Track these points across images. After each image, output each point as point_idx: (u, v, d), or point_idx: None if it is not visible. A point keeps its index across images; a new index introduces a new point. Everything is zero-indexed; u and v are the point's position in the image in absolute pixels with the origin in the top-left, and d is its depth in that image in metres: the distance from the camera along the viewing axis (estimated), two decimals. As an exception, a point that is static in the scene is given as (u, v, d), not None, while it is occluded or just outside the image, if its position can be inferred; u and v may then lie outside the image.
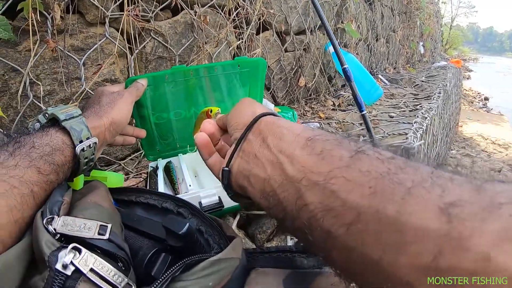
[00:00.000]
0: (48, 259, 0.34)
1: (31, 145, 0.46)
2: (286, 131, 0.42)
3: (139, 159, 1.20)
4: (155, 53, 1.18)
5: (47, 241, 0.35)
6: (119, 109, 0.64)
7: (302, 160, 0.37)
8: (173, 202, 0.55)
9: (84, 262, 0.34)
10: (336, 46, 1.06)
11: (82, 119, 0.54)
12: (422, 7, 4.54)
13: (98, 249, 0.38)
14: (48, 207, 0.41)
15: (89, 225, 0.39)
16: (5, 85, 0.92)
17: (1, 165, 0.42)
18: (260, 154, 0.42)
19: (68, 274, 0.33)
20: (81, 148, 0.52)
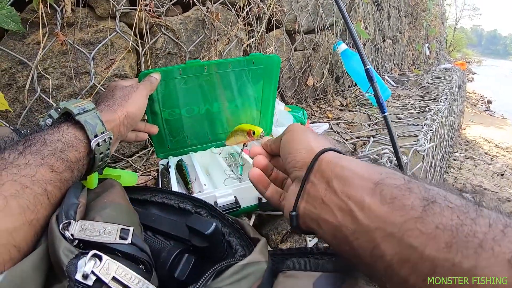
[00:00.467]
0: (67, 268, 0.32)
1: (42, 143, 0.44)
2: (351, 174, 0.41)
3: (147, 156, 1.18)
4: (166, 49, 1.16)
5: (64, 249, 0.33)
6: (133, 102, 0.62)
7: (374, 209, 0.36)
8: (191, 202, 0.54)
9: (106, 271, 0.32)
10: (360, 47, 1.04)
11: (96, 113, 0.53)
12: (429, 9, 4.51)
13: (118, 252, 0.36)
14: (64, 211, 0.38)
15: (109, 229, 0.37)
16: (12, 79, 0.90)
17: (12, 165, 0.39)
18: (328, 199, 0.42)
19: (90, 284, 0.31)
20: (96, 143, 0.50)
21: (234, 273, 0.38)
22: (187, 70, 0.80)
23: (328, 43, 2.08)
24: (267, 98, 0.96)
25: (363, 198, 0.38)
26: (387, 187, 0.37)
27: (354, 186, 0.39)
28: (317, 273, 0.44)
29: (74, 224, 0.36)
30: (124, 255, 0.36)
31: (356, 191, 0.39)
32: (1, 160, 0.39)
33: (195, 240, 0.41)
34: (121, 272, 0.33)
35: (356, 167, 0.42)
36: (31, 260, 0.34)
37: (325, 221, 0.41)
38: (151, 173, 1.03)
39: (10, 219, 0.35)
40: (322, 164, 0.45)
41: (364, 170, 0.41)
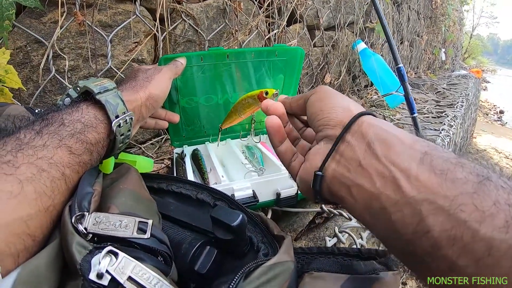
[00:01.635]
0: (81, 267, 0.29)
1: (60, 123, 0.41)
2: (396, 139, 0.37)
3: (160, 144, 1.16)
4: (185, 36, 1.13)
5: (77, 244, 0.30)
6: (157, 83, 0.59)
7: (422, 179, 0.32)
8: (210, 194, 0.51)
9: (121, 270, 0.29)
10: (393, 46, 1.01)
11: (118, 93, 0.49)
12: (448, 13, 4.45)
13: (136, 244, 0.33)
14: (77, 201, 0.35)
15: (126, 222, 0.34)
16: (26, 57, 0.88)
17: (27, 146, 0.36)
18: (367, 163, 0.37)
19: (105, 284, 0.28)
20: (117, 124, 0.47)
21: (263, 273, 0.35)
22: (209, 57, 0.77)
23: (347, 41, 2.05)
24: (287, 91, 0.94)
25: (410, 166, 0.34)
26: (437, 158, 0.33)
27: (400, 152, 0.36)
28: (345, 275, 0.41)
29: (87, 216, 0.34)
30: (143, 247, 0.34)
31: (402, 158, 0.35)
32: (16, 140, 0.36)
33: (219, 232, 0.39)
34: (138, 272, 0.30)
35: (401, 134, 0.38)
36: (45, 255, 0.31)
37: (359, 187, 0.37)
38: (164, 161, 1.01)
39: (25, 206, 0.33)
40: (363, 125, 0.40)
41: (410, 138, 0.37)
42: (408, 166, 0.34)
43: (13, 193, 0.32)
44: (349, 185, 0.38)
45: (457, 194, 0.30)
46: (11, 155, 0.34)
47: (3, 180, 0.32)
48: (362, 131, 0.39)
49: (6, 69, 0.74)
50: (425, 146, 0.35)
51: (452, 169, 0.32)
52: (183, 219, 0.45)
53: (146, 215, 0.38)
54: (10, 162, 0.33)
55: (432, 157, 0.34)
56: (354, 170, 0.38)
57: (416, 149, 0.35)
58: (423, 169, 0.33)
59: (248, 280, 0.34)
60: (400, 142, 0.36)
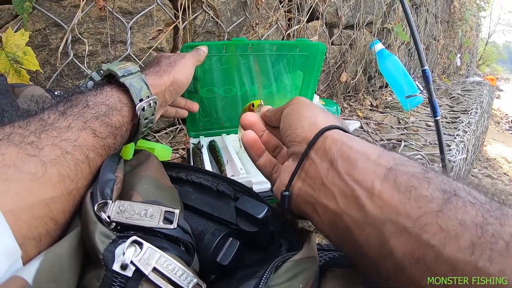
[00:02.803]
0: (104, 257, 0.28)
1: (84, 104, 0.40)
2: (359, 155, 0.36)
3: (174, 134, 1.15)
4: (205, 27, 1.12)
5: (100, 233, 0.29)
6: (180, 68, 0.58)
7: (386, 197, 0.32)
8: (230, 186, 0.50)
9: (146, 261, 0.28)
10: (420, 48, 1.00)
11: (141, 76, 0.49)
12: (466, 18, 4.39)
13: (160, 233, 0.32)
14: (99, 189, 0.34)
15: (151, 212, 0.33)
16: (45, 40, 0.88)
17: (52, 127, 0.35)
18: (329, 181, 0.37)
19: (129, 275, 0.27)
20: (141, 108, 0.47)
21: (289, 269, 0.35)
22: (231, 48, 0.76)
23: (365, 41, 2.03)
24: (306, 87, 0.93)
25: (373, 184, 0.33)
26: (402, 174, 0.32)
27: (363, 169, 0.35)
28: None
29: (111, 204, 0.32)
30: (167, 236, 0.33)
31: (365, 175, 0.34)
32: (40, 121, 0.35)
33: (243, 223, 0.38)
34: (163, 262, 0.29)
35: (366, 149, 0.37)
36: (68, 243, 0.30)
37: (323, 206, 0.37)
38: (179, 151, 1.00)
39: (48, 188, 0.32)
40: (326, 141, 0.39)
41: (376, 152, 0.36)
42: (371, 184, 0.33)
43: (37, 175, 0.31)
44: (313, 203, 0.38)
45: (421, 214, 0.29)
46: (34, 136, 0.33)
47: (26, 161, 0.31)
48: (325, 147, 0.39)
49: (25, 51, 0.74)
50: (390, 161, 0.34)
51: (417, 185, 0.31)
52: (204, 209, 0.44)
53: (170, 203, 0.37)
54: (33, 143, 0.33)
55: (397, 173, 0.33)
56: (318, 188, 0.38)
57: (381, 165, 0.34)
58: (387, 187, 0.32)
59: (276, 275, 0.33)
60: (365, 158, 0.36)
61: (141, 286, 0.27)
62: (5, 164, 0.29)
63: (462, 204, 0.28)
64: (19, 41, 0.73)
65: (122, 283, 0.27)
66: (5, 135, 0.32)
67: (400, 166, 0.33)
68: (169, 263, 0.29)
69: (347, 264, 0.42)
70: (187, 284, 0.29)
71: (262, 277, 0.33)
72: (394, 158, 0.35)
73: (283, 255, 0.36)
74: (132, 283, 0.27)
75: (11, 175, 0.29)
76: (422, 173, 0.32)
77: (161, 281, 0.28)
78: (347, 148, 0.37)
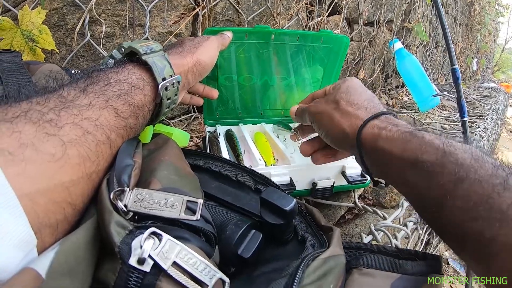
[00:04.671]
0: (119, 250, 0.26)
1: (106, 82, 0.38)
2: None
3: (189, 121, 1.13)
4: (225, 14, 1.10)
5: (116, 224, 0.27)
6: (205, 50, 0.56)
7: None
8: (250, 177, 0.48)
9: (165, 254, 0.26)
10: (451, 47, 0.97)
11: (165, 55, 0.46)
12: (485, 23, 4.32)
13: (180, 223, 0.30)
14: (116, 175, 0.32)
15: (172, 201, 0.30)
16: (62, 19, 0.86)
17: (72, 104, 0.33)
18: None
19: (147, 270, 0.25)
20: (164, 87, 0.44)
21: (318, 267, 0.33)
22: (254, 35, 0.74)
23: (384, 39, 2.00)
24: (327, 81, 0.91)
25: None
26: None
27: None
28: (396, 274, 0.39)
29: (128, 192, 0.30)
30: (187, 226, 0.30)
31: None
32: (60, 97, 0.33)
33: (268, 215, 0.36)
34: (184, 256, 0.27)
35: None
36: (84, 233, 0.28)
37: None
38: (193, 139, 0.98)
39: (68, 170, 0.29)
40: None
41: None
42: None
43: (56, 156, 0.28)
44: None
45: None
46: (53, 113, 0.31)
47: (45, 140, 0.28)
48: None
49: (41, 29, 0.72)
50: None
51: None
52: (225, 198, 0.42)
53: (191, 191, 0.35)
54: (52, 121, 0.30)
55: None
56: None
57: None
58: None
59: (306, 274, 0.32)
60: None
61: (160, 281, 0.25)
62: (22, 143, 0.27)
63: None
64: (35, 19, 0.71)
65: (139, 279, 0.25)
66: (22, 112, 0.29)
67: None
68: (190, 256, 0.27)
69: (372, 264, 0.41)
70: (209, 279, 0.27)
71: (295, 276, 0.31)
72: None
73: (310, 252, 0.34)
74: (150, 279, 0.25)
75: (28, 155, 0.27)
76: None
77: (181, 276, 0.26)
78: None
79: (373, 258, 0.41)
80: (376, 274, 0.39)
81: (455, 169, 0.36)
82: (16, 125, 0.27)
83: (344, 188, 0.73)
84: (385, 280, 0.38)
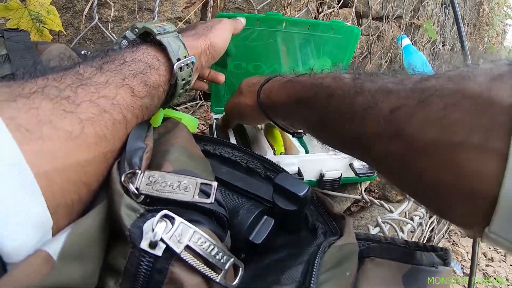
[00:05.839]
0: (130, 233, 0.25)
1: (122, 61, 0.37)
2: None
3: (194, 109, 1.13)
4: (235, 2, 1.09)
5: (126, 207, 0.26)
6: (218, 32, 0.56)
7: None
8: (261, 163, 0.47)
9: (178, 237, 0.25)
10: (465, 44, 0.98)
11: (179, 36, 0.46)
12: (493, 24, 4.29)
13: (192, 205, 0.29)
14: (127, 157, 0.31)
15: (185, 184, 0.29)
16: (70, 1, 0.85)
17: (89, 81, 0.32)
18: None
19: (159, 255, 0.24)
20: (179, 67, 0.43)
21: (333, 254, 0.33)
22: (265, 22, 0.74)
23: (393, 34, 1.98)
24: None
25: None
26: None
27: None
28: (407, 265, 0.39)
29: (140, 175, 0.29)
30: (200, 209, 0.30)
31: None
32: (76, 75, 0.32)
33: (281, 201, 0.35)
34: (197, 240, 0.26)
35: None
36: (98, 214, 0.27)
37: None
38: (199, 127, 0.98)
39: (84, 149, 0.29)
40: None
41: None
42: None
43: (73, 134, 0.28)
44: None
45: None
46: (70, 90, 0.30)
47: (62, 117, 0.28)
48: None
49: (49, 10, 0.71)
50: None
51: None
52: (236, 183, 0.41)
53: (204, 174, 0.34)
54: (70, 98, 0.29)
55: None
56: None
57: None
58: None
59: (322, 261, 0.31)
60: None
61: (172, 266, 0.25)
62: (39, 120, 0.26)
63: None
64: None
65: (150, 263, 0.24)
66: (38, 88, 0.28)
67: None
68: (203, 240, 0.26)
69: (384, 254, 0.40)
70: (223, 263, 0.27)
71: (313, 263, 0.30)
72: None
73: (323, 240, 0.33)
74: (162, 263, 0.25)
75: (45, 132, 0.26)
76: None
77: (195, 260, 0.25)
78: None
79: (385, 249, 0.41)
80: (388, 264, 0.39)
81: (326, 91, 0.42)
82: (33, 101, 0.27)
83: (351, 180, 0.73)
84: (397, 270, 0.38)
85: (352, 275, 0.34)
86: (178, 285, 0.24)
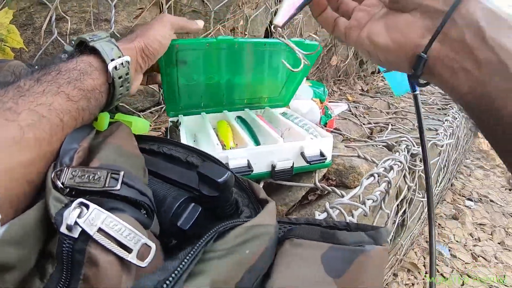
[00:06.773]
0: (55, 220, 0.29)
1: (57, 71, 0.42)
2: (505, 22, 0.35)
3: (159, 113, 1.16)
4: (191, 6, 1.11)
5: (53, 199, 0.30)
6: (154, 31, 0.58)
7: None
8: (200, 157, 0.50)
9: (91, 221, 0.29)
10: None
11: (111, 40, 0.50)
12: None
13: (118, 196, 0.33)
14: (59, 157, 0.36)
15: (98, 175, 0.34)
16: (29, 18, 0.88)
17: (28, 92, 0.37)
18: (474, 46, 0.35)
19: (75, 236, 0.28)
20: (113, 66, 0.47)
21: (239, 235, 0.35)
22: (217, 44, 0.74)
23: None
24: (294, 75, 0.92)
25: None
26: None
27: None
28: (326, 244, 0.40)
29: (66, 171, 0.33)
30: (123, 198, 0.33)
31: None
32: (17, 88, 0.37)
33: (204, 188, 0.38)
34: (109, 223, 0.29)
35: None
36: (36, 210, 0.31)
37: (466, 71, 0.36)
38: (161, 129, 1.00)
39: (25, 151, 0.34)
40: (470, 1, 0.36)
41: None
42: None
43: (15, 139, 0.33)
44: (454, 67, 0.37)
45: None
46: (12, 102, 0.35)
47: (5, 126, 0.33)
48: (469, 8, 0.36)
49: (9, 29, 0.74)
50: None
51: None
52: (171, 176, 0.45)
53: (130, 168, 0.38)
54: (11, 109, 0.34)
55: None
56: (461, 51, 0.36)
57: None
58: None
59: (223, 241, 0.34)
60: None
61: (89, 247, 0.28)
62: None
63: None
64: (3, 19, 0.73)
65: (70, 244, 0.28)
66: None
67: None
68: (115, 223, 0.29)
69: (303, 235, 0.42)
70: (134, 244, 0.30)
71: (201, 242, 0.33)
72: None
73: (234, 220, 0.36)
74: (79, 244, 0.28)
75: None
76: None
77: (106, 241, 0.28)
78: (491, 11, 0.36)
79: (305, 229, 0.43)
80: (306, 244, 0.41)
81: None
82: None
83: (305, 169, 0.75)
84: (316, 249, 0.40)
85: (254, 254, 0.35)
86: (95, 263, 0.28)
